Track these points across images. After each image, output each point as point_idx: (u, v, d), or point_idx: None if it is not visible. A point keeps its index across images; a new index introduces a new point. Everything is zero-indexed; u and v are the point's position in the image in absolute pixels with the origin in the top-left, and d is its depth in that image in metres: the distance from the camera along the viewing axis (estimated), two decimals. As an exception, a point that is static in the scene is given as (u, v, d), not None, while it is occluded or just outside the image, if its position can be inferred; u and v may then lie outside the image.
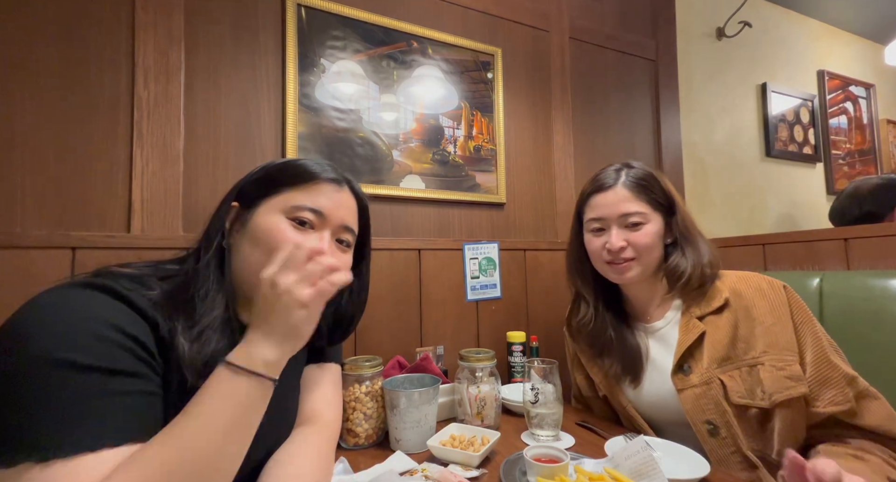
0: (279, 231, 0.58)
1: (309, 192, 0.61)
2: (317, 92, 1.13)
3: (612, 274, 0.88)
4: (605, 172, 0.90)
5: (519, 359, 1.24)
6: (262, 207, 0.60)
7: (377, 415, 0.86)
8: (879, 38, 2.63)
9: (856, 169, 2.49)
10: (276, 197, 0.60)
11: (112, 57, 0.95)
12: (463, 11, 1.38)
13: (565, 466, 0.65)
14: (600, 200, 0.87)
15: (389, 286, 1.18)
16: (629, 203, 0.84)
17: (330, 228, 0.62)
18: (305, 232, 0.60)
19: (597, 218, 0.88)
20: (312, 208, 0.60)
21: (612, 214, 0.85)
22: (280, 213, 0.59)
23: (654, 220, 0.84)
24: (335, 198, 0.63)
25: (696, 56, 1.98)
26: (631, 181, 0.86)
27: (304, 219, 0.60)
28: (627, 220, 0.84)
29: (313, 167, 0.63)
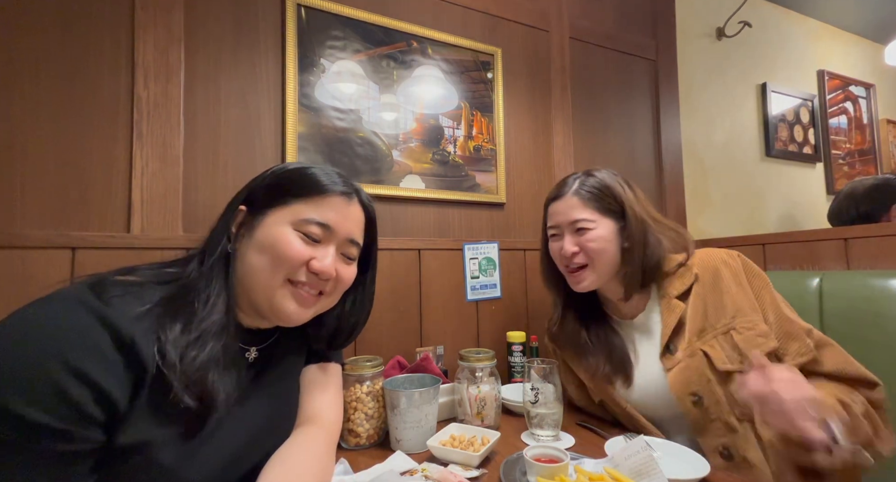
0: (287, 243, 0.59)
1: (318, 206, 0.62)
2: (317, 92, 1.13)
3: (570, 281, 0.92)
4: (564, 181, 0.95)
5: (519, 359, 1.24)
6: (271, 216, 0.61)
7: (378, 415, 0.86)
8: (879, 38, 2.63)
9: (856, 169, 2.49)
10: (286, 208, 0.61)
11: (112, 57, 0.95)
12: (463, 11, 1.38)
13: (565, 466, 0.65)
14: (555, 208, 0.93)
15: (389, 286, 1.18)
16: (578, 210, 0.89)
17: (335, 242, 0.64)
18: (312, 245, 0.61)
19: (553, 225, 0.94)
20: (321, 222, 0.61)
21: (564, 221, 0.90)
22: (289, 224, 0.60)
23: (603, 225, 0.88)
24: (343, 212, 0.64)
25: (696, 56, 1.98)
26: (582, 189, 0.90)
27: (312, 233, 0.61)
28: (576, 226, 0.88)
29: (324, 179, 0.64)
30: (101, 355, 0.44)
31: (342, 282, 0.66)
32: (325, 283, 0.63)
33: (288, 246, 0.59)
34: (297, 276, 0.60)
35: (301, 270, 0.60)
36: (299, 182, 0.63)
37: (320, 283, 0.63)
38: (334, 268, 0.63)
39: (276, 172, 0.66)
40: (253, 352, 0.66)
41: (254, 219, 0.61)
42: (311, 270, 0.61)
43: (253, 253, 0.60)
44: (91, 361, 0.43)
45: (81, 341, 0.43)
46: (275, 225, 0.60)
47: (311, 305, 0.64)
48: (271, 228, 0.60)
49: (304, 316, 0.64)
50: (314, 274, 0.61)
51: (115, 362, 0.45)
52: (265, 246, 0.59)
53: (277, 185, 0.63)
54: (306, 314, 0.64)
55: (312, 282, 0.62)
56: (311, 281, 0.62)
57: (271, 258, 0.58)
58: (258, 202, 0.63)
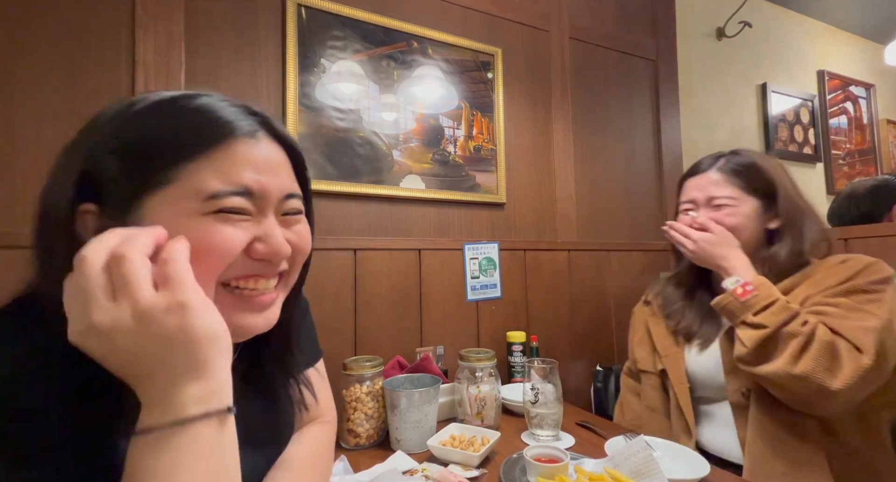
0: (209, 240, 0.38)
1: (220, 166, 0.39)
2: (317, 92, 1.13)
3: None
4: (704, 158, 0.94)
5: (519, 359, 1.24)
6: (150, 207, 0.38)
7: (378, 415, 0.86)
8: (879, 38, 2.63)
9: (856, 169, 2.49)
10: (169, 187, 0.38)
11: (112, 57, 0.95)
12: (463, 11, 1.38)
13: (565, 466, 0.65)
14: (692, 184, 0.92)
15: (389, 286, 1.18)
16: (717, 187, 0.88)
17: (271, 208, 0.43)
18: (241, 224, 0.41)
19: (687, 200, 0.93)
20: (237, 192, 0.40)
21: (700, 197, 0.90)
22: (192, 214, 0.38)
23: (744, 203, 0.86)
24: (261, 160, 0.42)
25: (696, 56, 1.97)
26: (725, 166, 0.89)
27: (234, 208, 0.40)
28: (714, 203, 0.87)
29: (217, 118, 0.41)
30: None
31: (302, 249, 0.48)
32: (279, 266, 0.45)
33: (211, 242, 0.38)
34: (233, 273, 0.41)
35: (240, 262, 0.41)
36: (171, 136, 0.39)
37: (274, 269, 0.44)
38: (285, 240, 0.44)
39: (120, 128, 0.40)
40: None
41: (122, 220, 0.38)
42: (255, 257, 0.42)
43: None
44: None
45: None
46: (170, 220, 0.37)
47: (273, 300, 0.46)
48: (167, 228, 0.37)
49: (272, 317, 0.46)
50: (262, 261, 0.42)
51: None
52: None
53: (137, 154, 0.39)
54: (273, 314, 0.46)
55: (263, 270, 0.43)
56: (260, 270, 0.43)
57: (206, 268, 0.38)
58: (115, 189, 0.38)
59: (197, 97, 0.42)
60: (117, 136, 0.40)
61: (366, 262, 1.16)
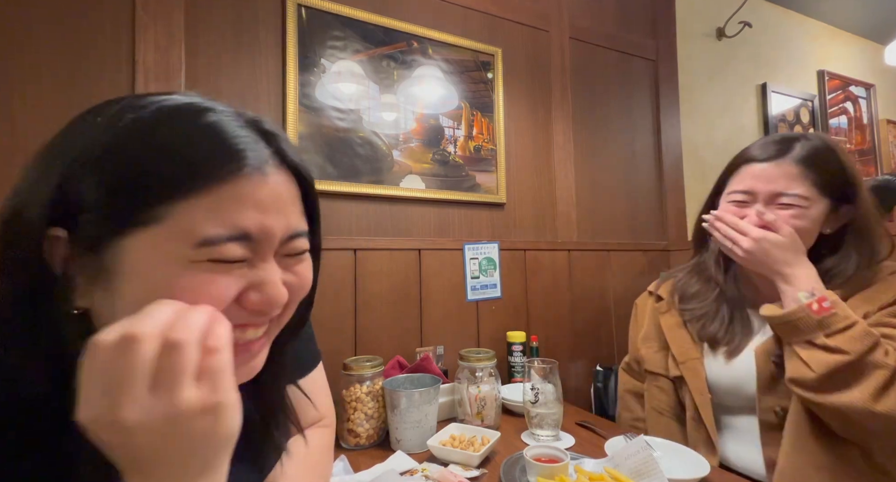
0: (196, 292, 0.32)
1: (220, 205, 0.33)
2: (317, 92, 1.13)
3: None
4: (774, 139, 0.76)
5: (519, 359, 1.24)
6: (133, 247, 0.32)
7: (378, 415, 0.86)
8: (879, 38, 2.63)
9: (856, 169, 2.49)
10: (158, 226, 0.32)
11: (112, 57, 0.95)
12: (463, 11, 1.38)
13: (565, 466, 0.65)
14: (754, 171, 0.74)
15: (389, 286, 1.18)
16: (792, 182, 0.71)
17: (272, 249, 0.37)
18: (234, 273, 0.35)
19: (744, 190, 0.75)
20: (239, 236, 0.34)
21: (763, 190, 0.73)
22: (180, 262, 0.32)
23: (816, 206, 0.71)
24: (269, 200, 0.36)
25: (696, 56, 1.97)
26: (804, 155, 0.72)
27: (228, 257, 0.33)
28: (780, 200, 0.72)
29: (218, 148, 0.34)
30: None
31: (302, 290, 0.42)
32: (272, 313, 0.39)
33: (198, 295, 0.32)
34: None
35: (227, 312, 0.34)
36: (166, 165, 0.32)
37: (266, 317, 0.39)
38: (283, 284, 0.38)
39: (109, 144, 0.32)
40: None
41: (97, 254, 0.32)
42: (247, 308, 0.36)
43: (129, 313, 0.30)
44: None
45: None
46: (153, 266, 0.32)
47: (262, 348, 0.40)
48: (150, 274, 0.32)
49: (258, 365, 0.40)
50: (254, 311, 0.37)
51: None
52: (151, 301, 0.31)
53: (123, 182, 0.32)
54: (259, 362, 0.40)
55: (251, 321, 0.38)
56: (248, 321, 0.37)
57: None
58: (90, 221, 0.32)
59: (203, 114, 0.35)
60: (103, 155, 0.32)
61: (366, 262, 1.16)
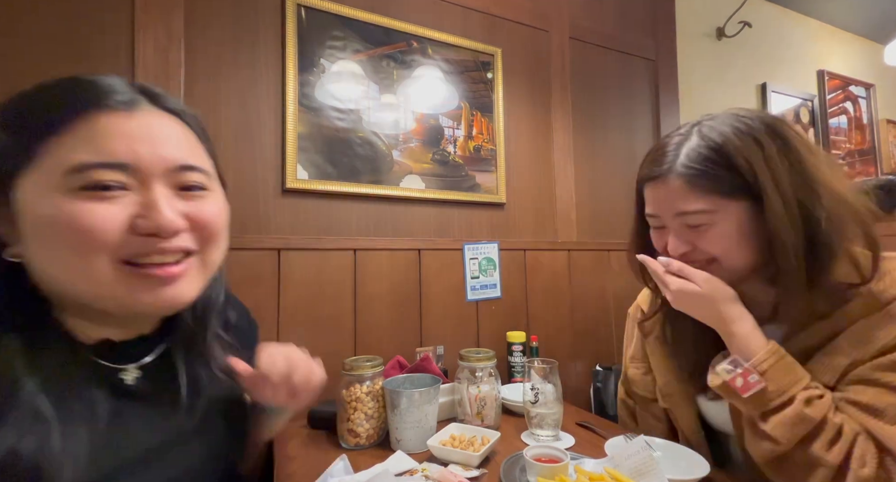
0: (78, 217, 0.35)
1: (87, 138, 0.37)
2: (317, 92, 1.13)
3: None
4: (665, 146, 0.65)
5: (519, 359, 1.24)
6: (24, 188, 0.37)
7: (378, 416, 0.86)
8: (879, 38, 2.63)
9: (856, 169, 2.49)
10: (38, 163, 0.36)
11: (112, 57, 0.95)
12: (463, 11, 1.38)
13: (565, 466, 0.65)
14: (652, 193, 0.66)
15: (389, 286, 1.18)
16: (684, 200, 0.61)
17: (157, 181, 0.39)
18: (114, 199, 0.37)
19: (652, 214, 0.68)
20: (106, 163, 0.37)
21: (666, 212, 0.64)
22: (56, 192, 0.36)
23: (726, 218, 0.60)
24: (137, 132, 0.39)
25: (696, 56, 1.98)
26: (687, 167, 0.60)
27: (103, 183, 0.36)
28: (686, 221, 0.62)
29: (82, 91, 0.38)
30: None
31: (208, 224, 0.43)
32: (175, 240, 0.41)
33: (77, 220, 0.35)
34: (130, 251, 0.38)
35: (127, 240, 0.38)
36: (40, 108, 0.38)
37: (170, 243, 0.40)
38: (175, 213, 0.40)
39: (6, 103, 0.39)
40: (132, 372, 0.45)
41: (8, 206, 0.37)
42: (140, 233, 0.38)
43: (40, 254, 0.38)
44: None
45: None
46: (39, 202, 0.36)
47: (180, 274, 0.41)
48: (38, 209, 0.36)
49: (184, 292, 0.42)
50: (149, 236, 0.39)
51: None
52: (47, 237, 0.36)
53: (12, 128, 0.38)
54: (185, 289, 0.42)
55: (153, 247, 0.39)
56: (151, 246, 0.39)
57: (69, 249, 0.36)
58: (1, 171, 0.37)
59: (85, 75, 0.40)
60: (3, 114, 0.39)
61: (366, 262, 1.16)
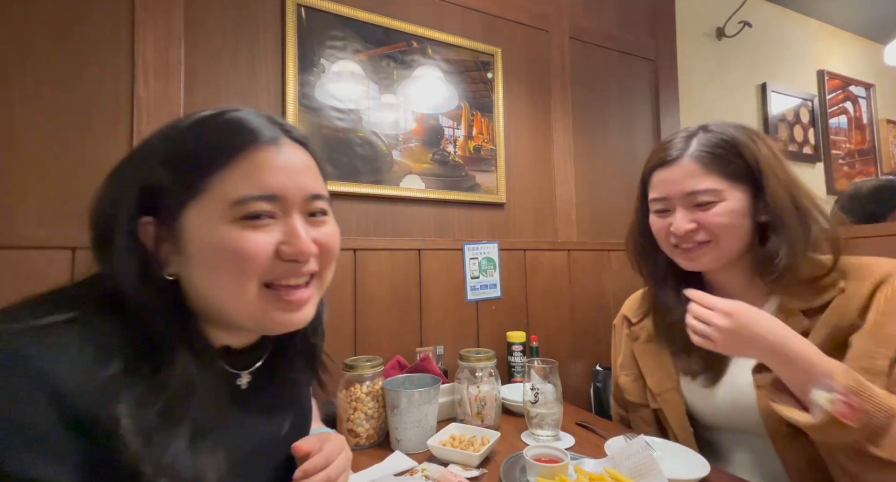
0: (236, 246, 0.43)
1: (246, 172, 0.44)
2: (317, 92, 1.13)
3: (680, 260, 0.75)
4: (672, 140, 0.75)
5: (519, 359, 1.24)
6: (191, 218, 0.43)
7: (378, 415, 0.86)
8: (879, 38, 2.63)
9: (856, 169, 2.49)
10: (203, 196, 0.43)
11: (112, 57, 0.95)
12: (463, 11, 1.38)
13: (565, 466, 0.65)
14: (663, 176, 0.74)
15: (389, 286, 1.18)
16: (696, 179, 0.69)
17: (296, 210, 0.47)
18: (267, 229, 0.45)
19: (659, 197, 0.75)
20: (263, 196, 0.44)
21: (675, 193, 0.71)
22: (222, 221, 0.43)
23: (732, 197, 0.69)
24: (283, 165, 0.46)
25: (696, 56, 1.98)
26: (700, 151, 0.70)
27: (258, 212, 0.44)
28: (695, 200, 0.70)
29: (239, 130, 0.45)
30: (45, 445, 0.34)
31: (330, 249, 0.51)
32: (308, 264, 0.48)
33: (243, 247, 0.43)
34: (271, 276, 0.46)
35: (272, 264, 0.45)
36: (208, 147, 0.45)
37: (304, 267, 0.48)
38: (311, 240, 0.47)
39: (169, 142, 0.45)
40: (245, 377, 0.53)
41: (171, 230, 0.44)
42: (284, 259, 0.46)
43: (200, 275, 0.45)
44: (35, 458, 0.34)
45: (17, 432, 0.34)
46: (205, 229, 0.43)
47: (308, 299, 0.49)
48: (204, 236, 0.43)
49: (303, 317, 0.50)
50: (291, 261, 0.46)
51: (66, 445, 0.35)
52: (212, 260, 0.44)
53: (178, 166, 0.44)
54: (306, 314, 0.50)
55: (293, 271, 0.47)
56: (290, 271, 0.47)
57: (230, 271, 0.44)
58: (164, 202, 0.44)
59: (229, 112, 0.47)
60: (166, 150, 0.45)
61: (366, 262, 1.16)
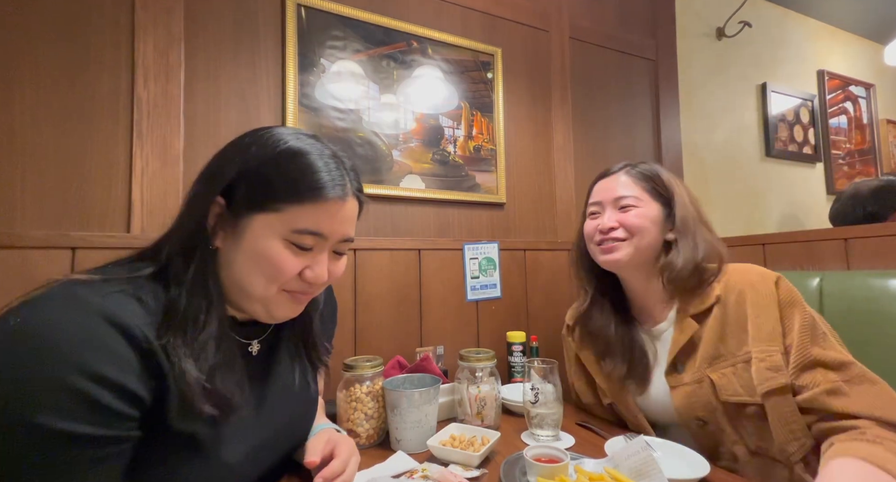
0: (281, 261, 0.55)
1: (314, 212, 0.55)
2: (317, 92, 1.13)
3: (599, 254, 0.89)
4: (612, 167, 0.94)
5: (519, 359, 1.24)
6: (257, 221, 0.54)
7: (378, 416, 0.86)
8: (879, 38, 2.63)
9: (856, 169, 2.49)
10: (275, 214, 0.54)
11: (112, 57, 0.95)
12: (463, 11, 1.38)
13: (565, 466, 0.65)
14: (601, 186, 0.92)
15: (389, 286, 1.18)
16: (625, 187, 0.87)
17: (329, 245, 0.59)
18: (304, 255, 0.57)
19: (595, 202, 0.91)
20: (315, 232, 0.56)
21: (607, 198, 0.88)
22: (280, 237, 0.55)
23: (649, 206, 0.86)
24: (339, 214, 0.58)
25: (696, 56, 1.98)
26: (633, 170, 0.90)
27: (304, 244, 0.56)
28: (621, 203, 0.86)
29: (325, 180, 0.56)
30: (117, 356, 0.44)
31: (337, 278, 0.65)
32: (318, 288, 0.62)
33: (282, 263, 0.55)
34: (290, 286, 0.58)
35: (293, 280, 0.57)
36: (295, 182, 0.55)
37: (313, 289, 0.61)
38: (325, 273, 0.60)
39: (264, 159, 0.55)
40: (255, 345, 0.65)
41: (237, 220, 0.55)
42: (303, 280, 0.58)
43: (242, 262, 0.55)
44: (110, 364, 0.43)
45: (95, 345, 0.43)
46: (265, 237, 0.54)
47: (304, 303, 0.63)
48: (260, 240, 0.54)
49: (297, 313, 0.63)
50: (307, 282, 0.58)
51: (132, 361, 0.45)
52: (256, 259, 0.55)
53: (267, 183, 0.55)
54: (297, 311, 0.63)
55: (305, 289, 0.60)
56: (303, 288, 0.59)
57: (263, 273, 0.55)
58: (241, 199, 0.55)
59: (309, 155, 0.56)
60: (259, 168, 0.55)
61: (366, 262, 1.16)
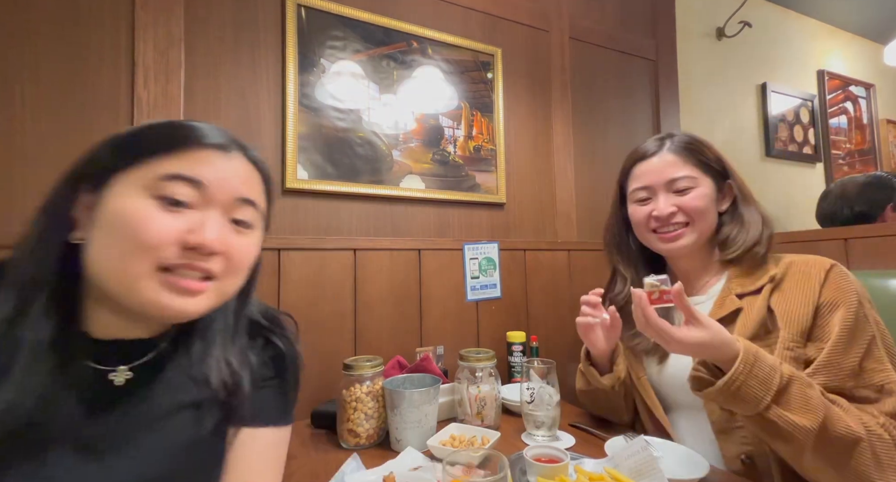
0: (143, 217, 0.42)
1: (187, 158, 0.45)
2: (317, 92, 1.13)
3: (659, 244, 0.82)
4: (646, 143, 0.86)
5: (519, 359, 1.24)
6: (117, 184, 0.44)
7: (378, 415, 0.86)
8: (879, 38, 2.63)
9: (856, 169, 2.49)
10: (138, 168, 0.44)
11: (112, 57, 0.95)
12: (463, 11, 1.38)
13: (565, 466, 0.65)
14: (644, 168, 0.83)
15: (389, 286, 1.18)
16: (676, 167, 0.79)
17: (219, 206, 0.46)
18: (181, 213, 0.44)
19: (642, 187, 0.83)
20: (188, 177, 0.44)
21: (658, 181, 0.80)
22: (142, 189, 0.43)
23: (704, 184, 0.79)
24: (222, 165, 0.47)
25: (696, 56, 1.98)
26: (677, 146, 0.81)
27: (177, 195, 0.43)
28: (676, 185, 0.79)
29: (198, 128, 0.47)
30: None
31: (237, 259, 0.48)
32: (208, 261, 0.45)
33: (144, 221, 0.42)
34: (168, 260, 0.43)
35: (171, 250, 0.43)
36: (154, 133, 0.47)
37: (202, 262, 0.45)
38: (220, 239, 0.45)
39: (133, 130, 0.48)
40: (123, 373, 0.48)
41: (96, 195, 0.44)
42: (186, 247, 0.44)
43: (99, 239, 0.43)
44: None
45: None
46: (122, 194, 0.43)
47: (200, 292, 0.46)
48: (117, 200, 0.43)
49: (194, 307, 0.46)
50: (191, 250, 0.44)
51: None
52: (113, 226, 0.42)
53: (124, 143, 0.46)
54: (196, 305, 0.46)
55: (191, 262, 0.44)
56: (189, 261, 0.44)
57: (124, 241, 0.42)
58: (99, 172, 0.45)
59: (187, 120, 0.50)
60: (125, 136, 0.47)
61: (366, 262, 1.16)
